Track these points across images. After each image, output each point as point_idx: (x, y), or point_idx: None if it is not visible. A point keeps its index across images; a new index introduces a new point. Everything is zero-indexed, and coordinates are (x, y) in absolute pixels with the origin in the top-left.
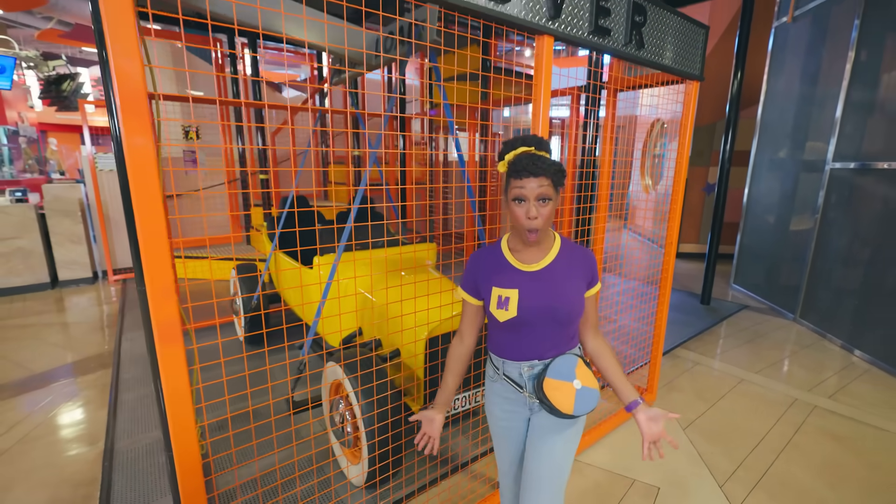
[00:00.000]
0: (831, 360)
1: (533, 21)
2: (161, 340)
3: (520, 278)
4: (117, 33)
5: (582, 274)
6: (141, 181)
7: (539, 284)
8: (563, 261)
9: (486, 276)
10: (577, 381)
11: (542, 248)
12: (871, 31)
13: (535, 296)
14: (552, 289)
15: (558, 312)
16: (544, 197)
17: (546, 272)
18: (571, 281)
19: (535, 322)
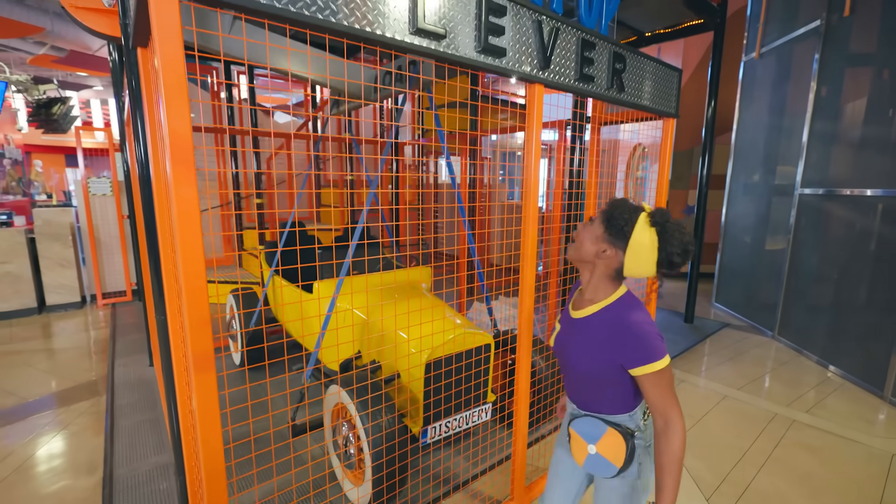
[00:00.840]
0: (808, 376)
1: (526, 72)
2: (197, 368)
3: (565, 318)
4: (174, 96)
5: (612, 347)
6: (187, 225)
7: (568, 331)
8: (598, 322)
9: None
10: (593, 446)
11: (593, 298)
12: (829, 66)
13: (564, 339)
14: (572, 342)
15: (572, 362)
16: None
17: (578, 323)
18: (592, 342)
19: (562, 361)
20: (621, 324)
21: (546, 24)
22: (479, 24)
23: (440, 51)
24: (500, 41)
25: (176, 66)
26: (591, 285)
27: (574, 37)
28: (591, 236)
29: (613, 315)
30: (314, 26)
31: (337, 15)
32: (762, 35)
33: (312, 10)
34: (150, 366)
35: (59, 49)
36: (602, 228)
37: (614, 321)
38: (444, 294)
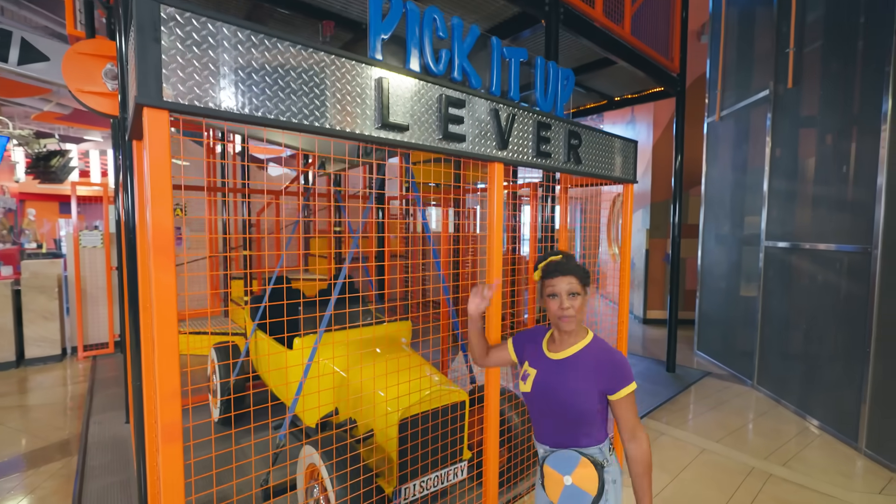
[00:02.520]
0: (786, 427)
1: (485, 153)
2: (165, 439)
3: (542, 362)
4: (159, 193)
5: (597, 377)
6: (163, 309)
7: (552, 372)
8: (584, 357)
9: (526, 350)
10: (568, 477)
11: (570, 340)
12: (780, 130)
13: (546, 381)
14: (561, 378)
15: (562, 400)
16: (573, 292)
17: (563, 363)
18: (581, 380)
19: (544, 403)
20: (606, 354)
21: (503, 111)
22: (440, 115)
23: (404, 141)
24: (460, 129)
25: (163, 169)
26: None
27: (531, 120)
28: (582, 301)
29: (596, 349)
30: (290, 128)
31: (308, 118)
32: (721, 100)
33: (287, 116)
34: (126, 423)
35: (63, 106)
36: (581, 287)
37: (599, 353)
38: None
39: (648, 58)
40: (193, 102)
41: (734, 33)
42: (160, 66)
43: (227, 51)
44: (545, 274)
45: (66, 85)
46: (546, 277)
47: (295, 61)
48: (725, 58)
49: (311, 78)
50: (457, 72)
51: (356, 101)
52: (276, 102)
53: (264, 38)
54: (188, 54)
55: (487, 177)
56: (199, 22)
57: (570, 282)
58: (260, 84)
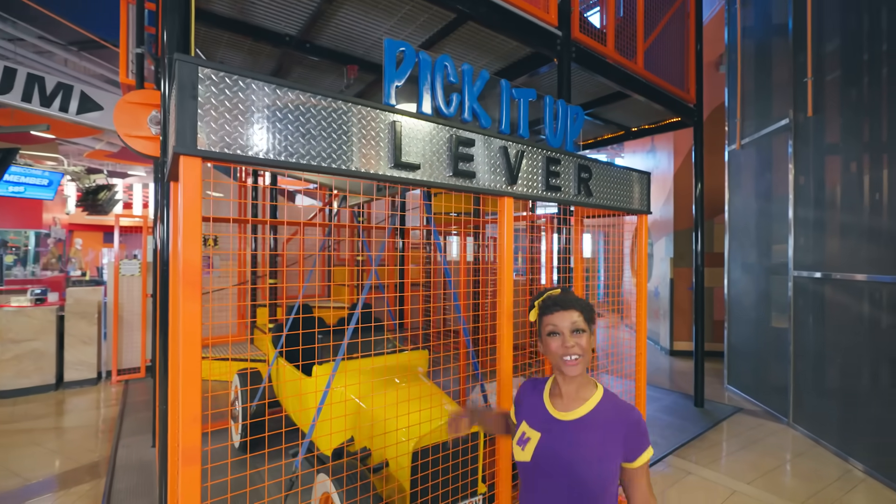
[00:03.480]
0: (826, 470)
1: (495, 188)
2: (185, 461)
3: (547, 423)
4: (190, 232)
5: (618, 437)
6: (189, 338)
7: (562, 435)
8: (600, 418)
9: (525, 408)
10: None
11: (579, 395)
12: (803, 159)
13: (554, 445)
14: (574, 444)
15: (575, 472)
16: (577, 328)
17: (575, 424)
18: (602, 442)
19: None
20: (624, 412)
21: (512, 148)
22: (451, 154)
23: (416, 179)
24: (470, 166)
25: (194, 209)
26: (576, 383)
27: (540, 156)
28: (588, 340)
29: (612, 406)
30: (311, 170)
31: (326, 161)
32: (740, 128)
33: (307, 159)
34: (152, 446)
35: (113, 144)
36: (586, 324)
37: (616, 411)
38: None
39: (663, 90)
40: (224, 150)
41: (751, 63)
42: (196, 119)
43: (254, 103)
44: (543, 310)
45: (116, 130)
46: (545, 314)
47: (315, 110)
48: (743, 87)
49: (330, 124)
50: (467, 113)
51: (371, 143)
52: (297, 147)
53: (288, 90)
54: (221, 107)
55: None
56: (231, 79)
57: (574, 317)
58: (283, 131)
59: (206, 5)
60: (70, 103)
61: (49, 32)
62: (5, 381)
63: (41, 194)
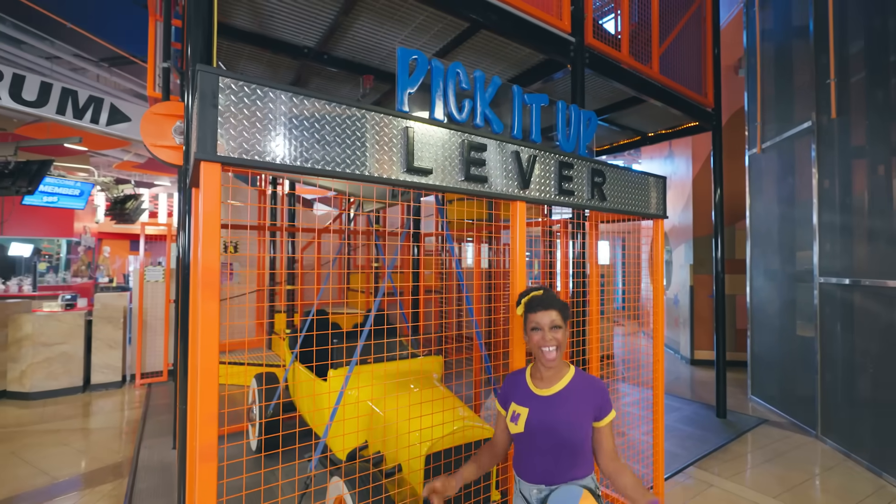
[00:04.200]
0: (858, 485)
1: (507, 193)
2: (202, 458)
3: (532, 400)
4: (208, 234)
5: (589, 404)
6: (207, 339)
7: (546, 407)
8: (573, 390)
9: (511, 394)
10: None
11: (556, 375)
12: (827, 162)
13: (541, 416)
14: (556, 412)
15: (559, 433)
16: (555, 325)
17: (555, 397)
18: (576, 408)
19: (539, 439)
20: (591, 383)
21: (524, 153)
22: (463, 159)
23: (428, 183)
24: (482, 171)
25: (213, 214)
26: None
27: (552, 160)
28: (563, 334)
29: (581, 380)
30: (325, 175)
31: (340, 166)
32: (761, 132)
33: (321, 164)
34: (173, 448)
35: (140, 155)
36: (563, 320)
37: (585, 383)
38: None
39: (680, 95)
40: (242, 156)
41: (771, 66)
42: (216, 127)
43: (272, 111)
44: (528, 309)
45: (142, 140)
46: (529, 312)
47: (329, 117)
48: (764, 90)
49: (344, 130)
50: (479, 118)
51: (384, 149)
52: (312, 153)
53: (304, 98)
54: (240, 115)
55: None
56: (249, 88)
57: (553, 315)
58: (299, 137)
59: (228, 20)
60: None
61: (83, 50)
62: (37, 382)
63: (73, 204)
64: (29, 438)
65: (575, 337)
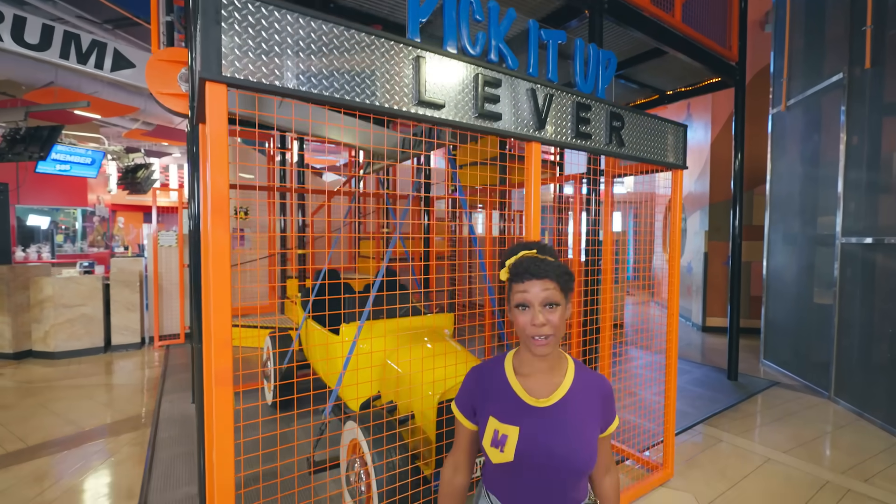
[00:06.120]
0: (870, 442)
1: (522, 132)
2: (218, 383)
3: (525, 414)
4: (217, 163)
5: (598, 412)
6: (219, 258)
7: (547, 426)
8: (579, 394)
9: (485, 400)
10: None
11: (553, 374)
12: (857, 117)
13: (542, 439)
14: (563, 433)
15: (568, 464)
16: (551, 302)
17: (558, 409)
18: (587, 423)
19: (537, 472)
20: (599, 384)
21: (540, 91)
22: (476, 94)
23: (441, 118)
24: (496, 108)
25: (220, 138)
26: (548, 360)
27: (569, 101)
28: (561, 316)
29: (585, 379)
30: (334, 104)
31: (350, 94)
32: (787, 89)
33: (330, 91)
34: (192, 402)
35: (148, 124)
36: (562, 295)
37: (592, 384)
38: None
39: (703, 46)
40: (248, 77)
41: (801, 17)
42: (220, 45)
43: (278, 31)
44: (514, 275)
45: (148, 88)
46: (515, 280)
47: (338, 41)
48: (792, 44)
49: (353, 56)
50: (493, 53)
51: (395, 78)
52: (321, 79)
53: (312, 20)
54: (245, 34)
55: (525, 154)
56: (254, 6)
57: (548, 288)
58: (307, 62)
59: None
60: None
61: (85, 10)
62: (60, 343)
63: (85, 172)
64: (56, 393)
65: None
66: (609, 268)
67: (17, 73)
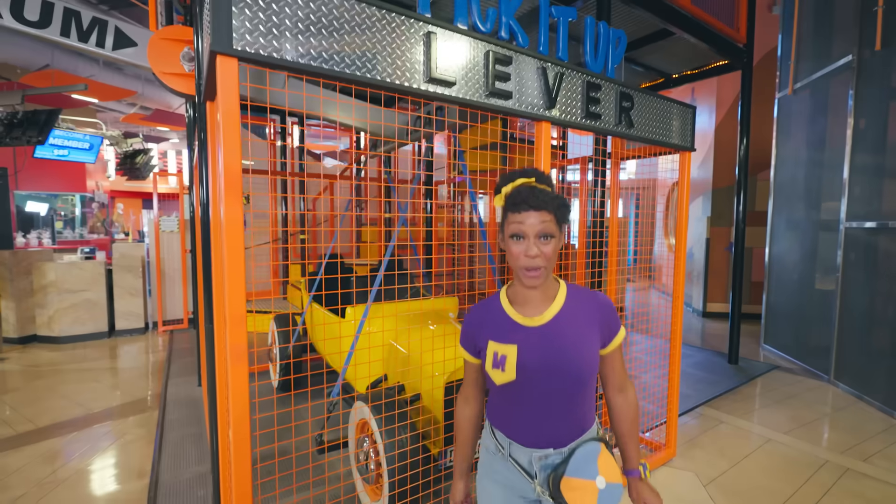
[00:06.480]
0: (869, 424)
1: (532, 112)
2: (233, 360)
3: (520, 333)
4: (230, 138)
5: (595, 324)
6: (232, 235)
7: (542, 341)
8: (571, 311)
9: (483, 330)
10: (600, 477)
11: (545, 297)
12: (865, 100)
13: (537, 354)
14: (558, 345)
15: (566, 374)
16: (546, 234)
17: (551, 326)
18: (582, 334)
19: (539, 386)
20: (595, 297)
21: (550, 70)
22: (487, 71)
23: (451, 96)
24: (506, 86)
25: (232, 111)
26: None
27: (579, 80)
28: (555, 246)
29: (579, 296)
30: (345, 79)
31: (361, 70)
32: (794, 72)
33: (341, 66)
34: (198, 386)
35: (146, 108)
36: (557, 226)
37: (587, 298)
38: None
39: (711, 27)
40: (259, 51)
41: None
42: (230, 18)
43: (288, 4)
44: (510, 204)
45: (151, 68)
46: (511, 210)
47: (349, 15)
48: (800, 26)
49: (364, 31)
50: (504, 30)
51: (405, 55)
52: (332, 54)
53: None
54: (255, 7)
55: (534, 134)
56: None
57: (545, 220)
58: (317, 36)
59: None
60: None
61: None
62: (65, 327)
63: (83, 157)
64: (62, 376)
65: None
66: (614, 251)
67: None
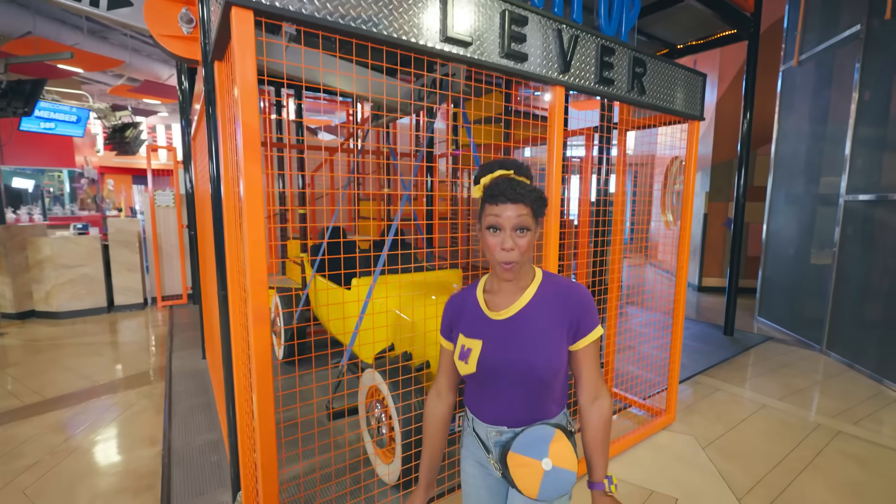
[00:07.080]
0: (859, 390)
1: (547, 75)
2: (255, 322)
3: (486, 327)
4: (247, 101)
5: (562, 320)
6: (252, 199)
7: (504, 335)
8: (539, 305)
9: (458, 320)
10: (547, 459)
11: (516, 289)
12: (872, 70)
13: (498, 350)
14: (517, 341)
15: (525, 373)
16: (522, 227)
17: (515, 321)
18: (546, 331)
19: (496, 381)
20: (569, 290)
21: (566, 32)
22: (503, 32)
23: (467, 56)
24: (522, 47)
25: (248, 65)
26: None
27: (594, 43)
28: (531, 238)
29: (553, 286)
30: (361, 36)
31: (378, 26)
32: (800, 43)
33: (357, 22)
34: (202, 359)
35: (134, 80)
36: (534, 220)
37: (560, 291)
38: None
39: None
40: (274, 3)
41: None
42: None
43: None
44: (488, 196)
45: (148, 29)
46: (489, 201)
47: None
48: None
49: None
50: None
51: (422, 12)
52: (348, 9)
53: None
54: None
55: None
56: None
57: (521, 213)
58: None
59: None
60: None
61: None
62: (63, 303)
63: (71, 130)
64: (65, 350)
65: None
66: (619, 228)
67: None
